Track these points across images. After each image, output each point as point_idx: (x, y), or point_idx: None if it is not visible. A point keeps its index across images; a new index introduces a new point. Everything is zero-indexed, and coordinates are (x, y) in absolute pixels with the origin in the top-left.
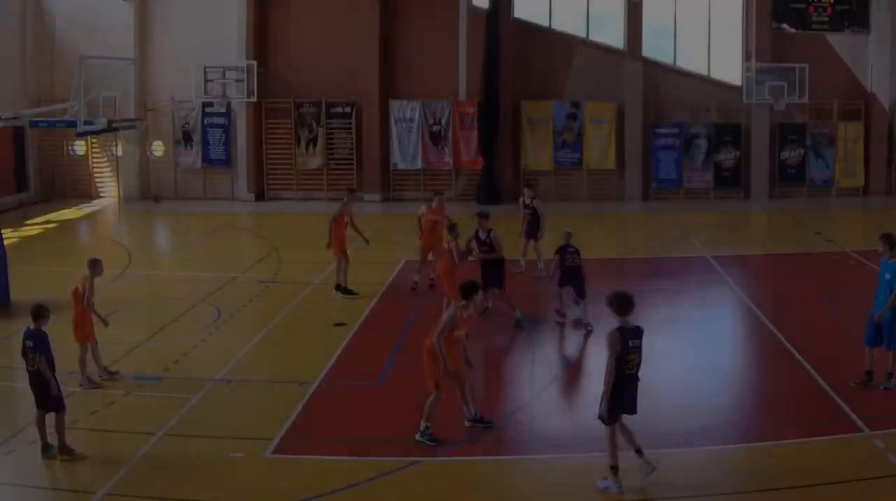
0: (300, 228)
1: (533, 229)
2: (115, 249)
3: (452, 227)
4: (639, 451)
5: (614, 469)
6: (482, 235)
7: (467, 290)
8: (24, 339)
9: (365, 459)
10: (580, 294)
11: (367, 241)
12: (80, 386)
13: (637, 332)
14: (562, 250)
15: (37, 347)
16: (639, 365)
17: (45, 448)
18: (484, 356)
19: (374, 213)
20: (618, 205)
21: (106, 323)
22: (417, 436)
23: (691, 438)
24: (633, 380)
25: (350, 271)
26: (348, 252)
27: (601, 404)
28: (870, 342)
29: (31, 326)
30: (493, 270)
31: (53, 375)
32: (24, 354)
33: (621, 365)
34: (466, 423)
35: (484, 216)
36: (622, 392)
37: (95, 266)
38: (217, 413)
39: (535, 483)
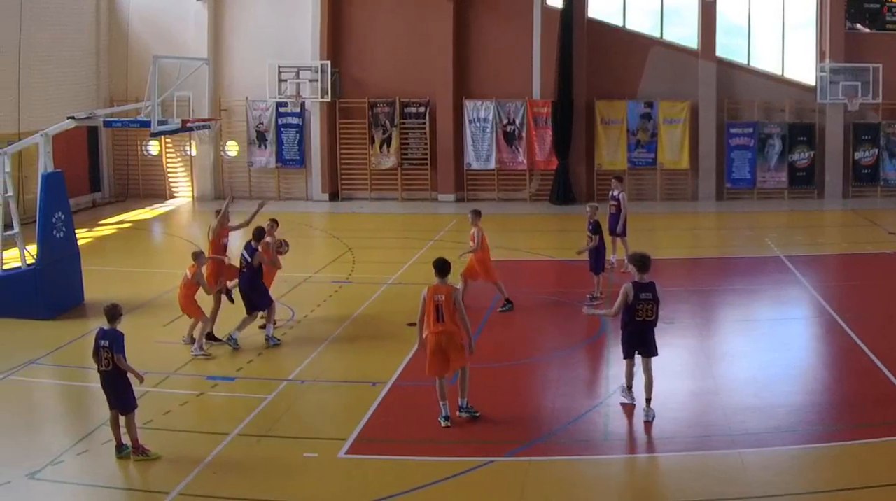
0: (374, 228)
1: (615, 221)
2: (189, 249)
3: (477, 213)
4: (648, 400)
5: (629, 387)
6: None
7: (443, 269)
8: (99, 339)
9: (438, 459)
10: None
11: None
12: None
13: (649, 286)
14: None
15: (113, 346)
16: (651, 313)
17: (119, 447)
18: (559, 354)
19: (448, 214)
20: (691, 204)
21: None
22: (459, 413)
23: (766, 438)
24: (647, 326)
25: (420, 271)
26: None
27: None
28: None
29: (106, 326)
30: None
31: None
32: (96, 354)
33: (633, 313)
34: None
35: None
36: (635, 335)
37: (199, 257)
38: (290, 413)
39: (609, 484)
